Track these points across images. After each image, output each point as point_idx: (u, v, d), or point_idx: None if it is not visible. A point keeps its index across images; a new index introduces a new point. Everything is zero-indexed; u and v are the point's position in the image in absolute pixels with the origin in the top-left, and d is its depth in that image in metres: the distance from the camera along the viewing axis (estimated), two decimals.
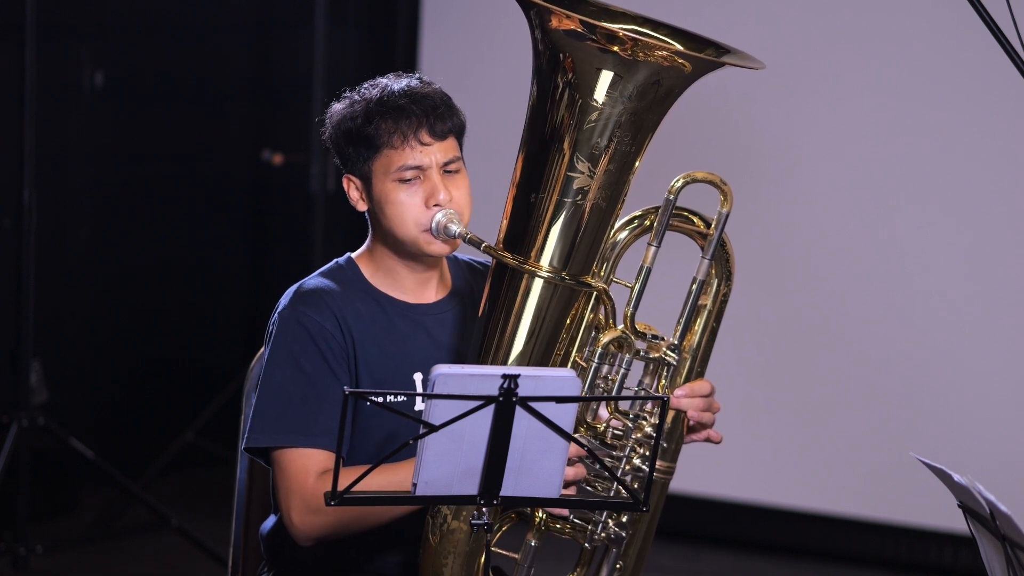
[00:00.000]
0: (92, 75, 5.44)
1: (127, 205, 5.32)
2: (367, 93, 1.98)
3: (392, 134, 1.93)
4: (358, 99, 1.99)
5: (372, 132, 1.94)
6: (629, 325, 1.92)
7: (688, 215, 1.92)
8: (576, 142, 1.82)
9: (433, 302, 2.06)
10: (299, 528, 1.99)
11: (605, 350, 1.90)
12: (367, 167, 1.97)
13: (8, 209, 5.94)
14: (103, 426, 5.12)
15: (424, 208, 1.93)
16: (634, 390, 1.94)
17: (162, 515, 4.22)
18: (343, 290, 2.01)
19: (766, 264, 4.34)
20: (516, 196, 1.89)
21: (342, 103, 2.02)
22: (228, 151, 5.44)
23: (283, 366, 1.99)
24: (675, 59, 1.78)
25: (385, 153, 1.94)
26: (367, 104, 1.96)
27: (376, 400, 1.83)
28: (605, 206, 1.86)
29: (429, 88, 1.99)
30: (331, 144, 2.02)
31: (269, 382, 2.01)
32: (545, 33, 1.81)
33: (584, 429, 1.91)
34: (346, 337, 1.98)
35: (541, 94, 1.85)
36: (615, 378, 1.92)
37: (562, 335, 1.90)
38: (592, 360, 1.90)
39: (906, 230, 6.92)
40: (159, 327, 7.32)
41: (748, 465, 4.80)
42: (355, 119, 1.97)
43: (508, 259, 1.85)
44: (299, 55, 5.19)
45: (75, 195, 5.24)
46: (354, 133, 1.97)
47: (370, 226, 2.04)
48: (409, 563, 2.05)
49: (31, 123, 4.29)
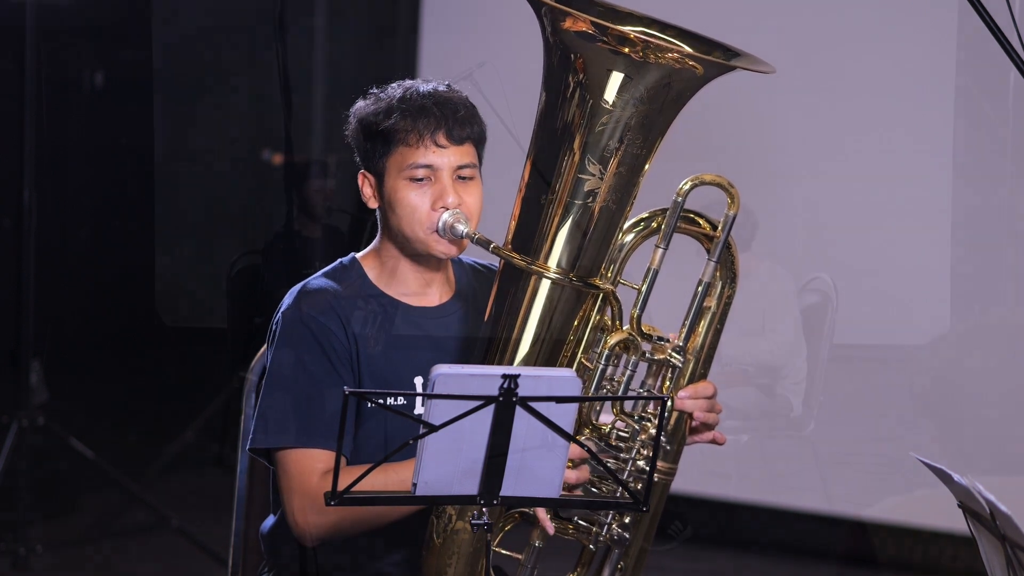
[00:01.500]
0: (92, 75, 5.46)
1: (127, 204, 5.32)
2: (392, 92, 1.97)
3: (409, 132, 1.92)
4: (383, 96, 1.98)
5: (390, 128, 1.93)
6: (635, 327, 1.92)
7: (694, 217, 1.91)
8: (587, 144, 1.81)
9: (436, 305, 2.04)
10: (302, 528, 1.98)
11: (611, 351, 1.89)
12: (381, 163, 1.96)
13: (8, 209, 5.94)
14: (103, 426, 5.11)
15: (431, 210, 1.92)
16: (638, 391, 1.94)
17: (162, 515, 4.22)
18: (346, 291, 2.00)
19: None
20: (525, 197, 1.89)
21: (367, 99, 2.00)
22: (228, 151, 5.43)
23: (286, 366, 1.98)
24: (686, 61, 1.79)
25: (400, 150, 1.93)
26: (390, 101, 1.95)
27: (377, 401, 1.82)
28: (614, 208, 1.85)
29: (454, 93, 1.97)
30: (351, 139, 2.01)
31: (272, 382, 2.01)
32: (556, 33, 1.80)
33: (589, 430, 1.91)
34: (349, 337, 1.97)
35: (551, 95, 1.84)
36: (621, 379, 1.92)
37: (569, 336, 1.89)
38: (598, 361, 1.89)
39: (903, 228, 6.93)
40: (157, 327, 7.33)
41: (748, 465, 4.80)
42: (376, 115, 1.96)
43: (516, 260, 1.84)
44: (301, 55, 5.18)
45: (75, 195, 5.24)
46: (373, 128, 1.96)
47: (379, 225, 2.03)
48: (410, 562, 2.05)
49: (31, 123, 4.29)
